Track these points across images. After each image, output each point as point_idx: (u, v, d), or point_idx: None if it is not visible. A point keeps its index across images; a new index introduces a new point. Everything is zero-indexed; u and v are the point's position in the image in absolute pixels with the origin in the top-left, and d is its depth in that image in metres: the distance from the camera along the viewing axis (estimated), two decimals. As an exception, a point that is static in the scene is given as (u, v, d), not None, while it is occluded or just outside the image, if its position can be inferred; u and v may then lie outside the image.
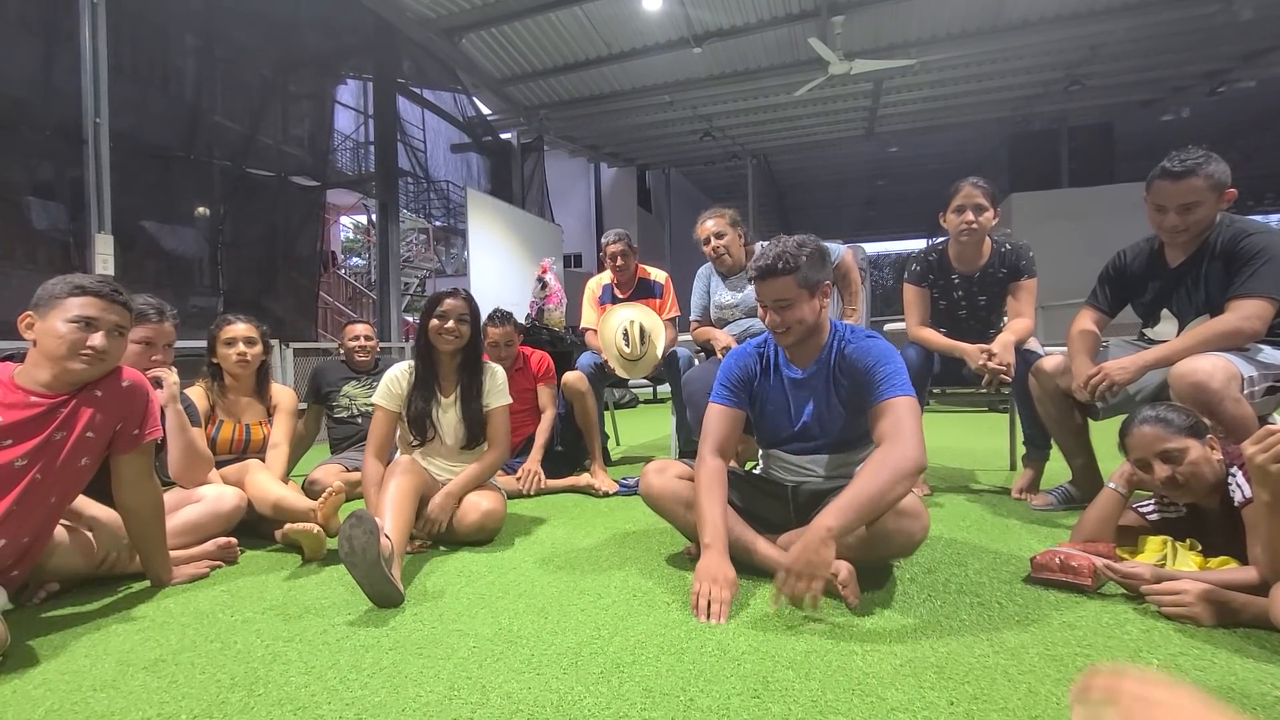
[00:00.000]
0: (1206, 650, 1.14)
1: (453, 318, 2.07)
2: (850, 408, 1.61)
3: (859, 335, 1.63)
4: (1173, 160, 1.79)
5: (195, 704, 1.08)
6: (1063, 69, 7.83)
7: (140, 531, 1.62)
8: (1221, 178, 1.76)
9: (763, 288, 1.57)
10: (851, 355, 1.58)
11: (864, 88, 8.23)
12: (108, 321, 1.43)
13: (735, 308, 2.78)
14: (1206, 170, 1.75)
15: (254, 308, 5.03)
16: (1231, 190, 1.78)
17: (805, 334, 1.60)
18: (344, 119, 8.15)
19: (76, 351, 1.38)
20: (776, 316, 1.57)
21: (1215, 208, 1.79)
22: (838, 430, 1.63)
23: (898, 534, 1.40)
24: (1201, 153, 1.76)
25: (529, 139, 8.89)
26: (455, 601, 1.50)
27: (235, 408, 2.33)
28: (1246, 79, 8.19)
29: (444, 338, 2.06)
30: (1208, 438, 1.43)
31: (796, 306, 1.55)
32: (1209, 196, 1.76)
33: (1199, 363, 1.68)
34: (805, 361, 1.65)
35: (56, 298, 1.41)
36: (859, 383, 1.55)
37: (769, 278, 1.55)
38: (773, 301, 1.56)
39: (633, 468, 3.28)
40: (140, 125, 4.62)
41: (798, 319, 1.56)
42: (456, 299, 2.09)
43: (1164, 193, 1.80)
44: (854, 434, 1.63)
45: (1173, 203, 1.79)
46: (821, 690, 1.05)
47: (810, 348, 1.64)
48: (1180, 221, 1.80)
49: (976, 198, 2.28)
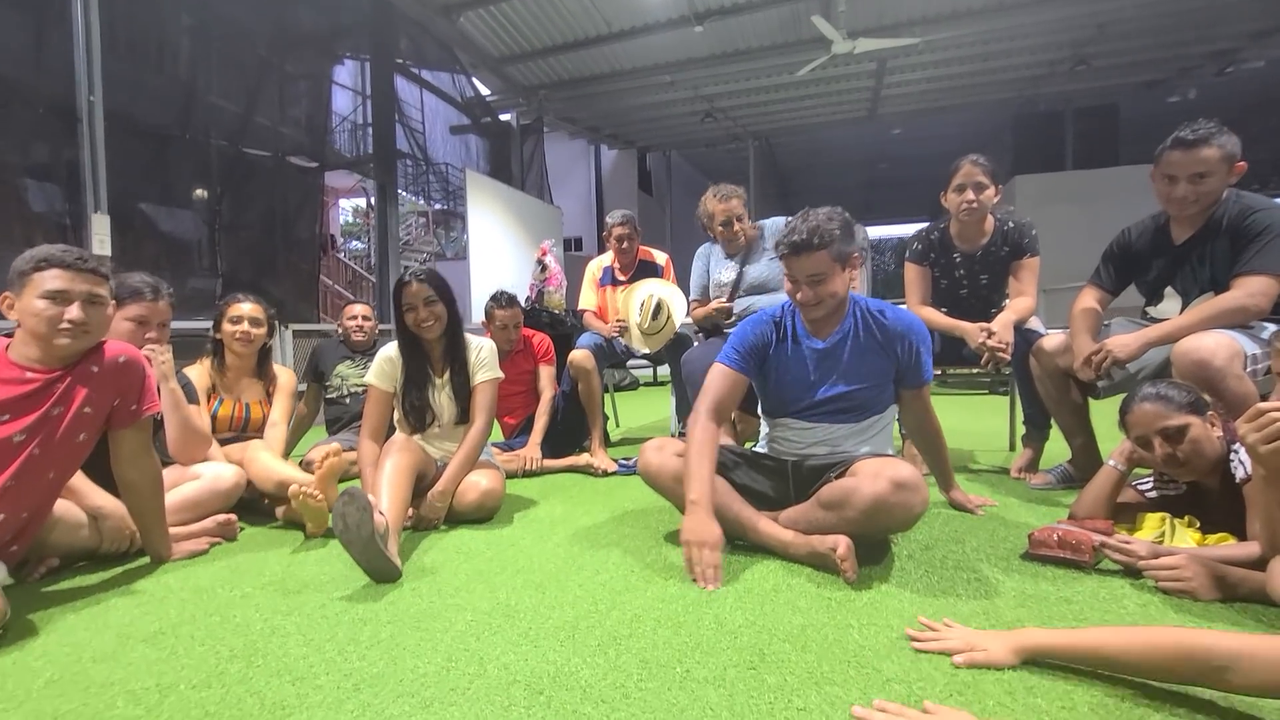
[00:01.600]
0: (1204, 624, 1.14)
1: (420, 304, 2.01)
2: (874, 377, 1.64)
3: (889, 306, 1.68)
4: (1185, 129, 1.78)
5: (194, 674, 1.08)
6: (1069, 48, 7.72)
7: (140, 506, 1.62)
8: (1233, 149, 1.74)
9: (795, 263, 1.56)
10: (894, 328, 1.63)
11: (867, 68, 8.12)
12: (79, 292, 1.40)
13: (735, 285, 2.76)
14: (1219, 140, 1.74)
15: (254, 290, 5.00)
16: (1241, 164, 1.76)
17: (834, 307, 1.62)
18: (341, 100, 8.06)
19: (56, 327, 1.37)
20: (809, 291, 1.56)
21: (1225, 180, 1.77)
22: (857, 399, 1.64)
23: (898, 507, 1.40)
24: (1214, 124, 1.75)
25: (528, 120, 8.79)
26: (453, 577, 1.51)
27: (235, 386, 2.33)
28: (1255, 59, 8.07)
29: (424, 326, 2.02)
30: (1208, 415, 1.42)
31: (829, 281, 1.56)
32: (1220, 168, 1.75)
33: (1202, 340, 1.67)
34: (827, 332, 1.66)
35: (25, 274, 1.39)
36: (895, 353, 1.63)
37: (803, 253, 1.53)
38: (806, 277, 1.55)
39: (632, 449, 3.28)
40: (135, 104, 4.56)
41: (830, 293, 1.57)
42: (416, 283, 2.01)
43: (1175, 162, 1.78)
44: (869, 402, 1.66)
45: (1184, 172, 1.77)
46: (818, 662, 1.05)
47: (833, 319, 1.66)
48: (1190, 191, 1.78)
49: (977, 175, 2.26)
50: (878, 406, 1.68)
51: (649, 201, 12.57)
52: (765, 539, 1.55)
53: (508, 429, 3.07)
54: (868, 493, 1.41)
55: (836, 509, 1.47)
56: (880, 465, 1.46)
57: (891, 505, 1.41)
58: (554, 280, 5.09)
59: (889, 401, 1.71)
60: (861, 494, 1.42)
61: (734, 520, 1.59)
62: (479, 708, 0.95)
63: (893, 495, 1.40)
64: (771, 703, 0.94)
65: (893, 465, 1.45)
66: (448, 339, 2.08)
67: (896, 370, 1.67)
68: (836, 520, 1.47)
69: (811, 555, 1.46)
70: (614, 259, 3.34)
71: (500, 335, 2.91)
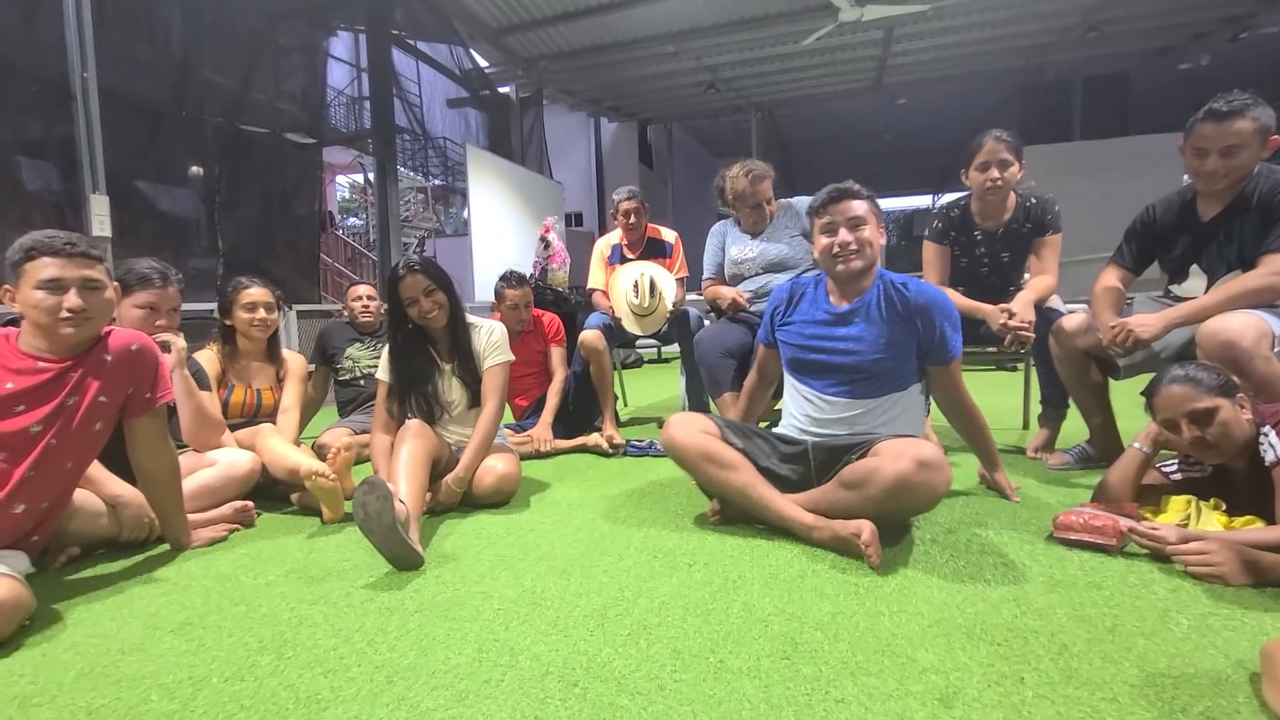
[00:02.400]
0: (1236, 610, 1.13)
1: (420, 295, 1.96)
2: (892, 350, 1.64)
3: (913, 279, 1.70)
4: (1219, 101, 1.73)
5: (226, 667, 1.08)
6: (1079, 14, 7.53)
7: (158, 494, 1.61)
8: (1268, 121, 1.70)
9: (836, 208, 1.65)
10: (916, 301, 1.64)
11: (874, 36, 7.93)
12: (74, 278, 1.36)
13: (753, 261, 2.72)
14: (1254, 113, 1.69)
15: (254, 269, 4.94)
16: (1276, 137, 1.71)
17: (870, 261, 1.66)
18: (337, 73, 7.90)
19: (56, 317, 1.34)
20: (849, 235, 1.63)
21: (1257, 154, 1.73)
22: (873, 370, 1.65)
23: (922, 486, 1.40)
24: (1249, 95, 1.70)
25: (528, 93, 8.62)
26: (476, 564, 1.51)
27: (246, 372, 2.31)
28: (1270, 24, 7.89)
29: (430, 317, 1.98)
30: (1238, 397, 1.40)
31: (868, 226, 1.64)
32: (1253, 140, 1.71)
33: (1229, 320, 1.64)
34: (849, 297, 1.70)
35: (17, 265, 1.36)
36: (916, 327, 1.63)
37: (845, 199, 1.65)
38: (846, 220, 1.64)
39: (642, 428, 3.28)
40: (129, 80, 4.46)
41: (869, 240, 1.64)
42: (410, 275, 1.96)
43: (1206, 135, 1.74)
44: (886, 375, 1.65)
45: (1215, 145, 1.73)
46: (851, 651, 1.05)
47: (855, 289, 1.69)
48: (1221, 165, 1.74)
49: (1001, 153, 2.21)
50: (897, 382, 1.67)
51: (650, 175, 12.41)
52: (788, 522, 1.55)
53: (519, 410, 3.06)
54: (890, 471, 1.41)
55: (858, 488, 1.47)
56: (903, 445, 1.46)
57: (915, 484, 1.40)
58: (557, 257, 5.03)
59: (910, 379, 1.69)
60: (884, 473, 1.42)
61: (757, 501, 1.58)
62: (515, 700, 0.95)
63: (916, 474, 1.39)
64: (809, 694, 0.93)
65: (915, 444, 1.44)
66: (452, 325, 2.05)
67: (919, 346, 1.65)
68: (859, 500, 1.47)
69: (835, 540, 1.46)
70: (622, 236, 3.29)
71: (511, 315, 2.88)
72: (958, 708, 0.89)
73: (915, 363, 1.69)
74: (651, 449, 2.65)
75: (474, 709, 0.93)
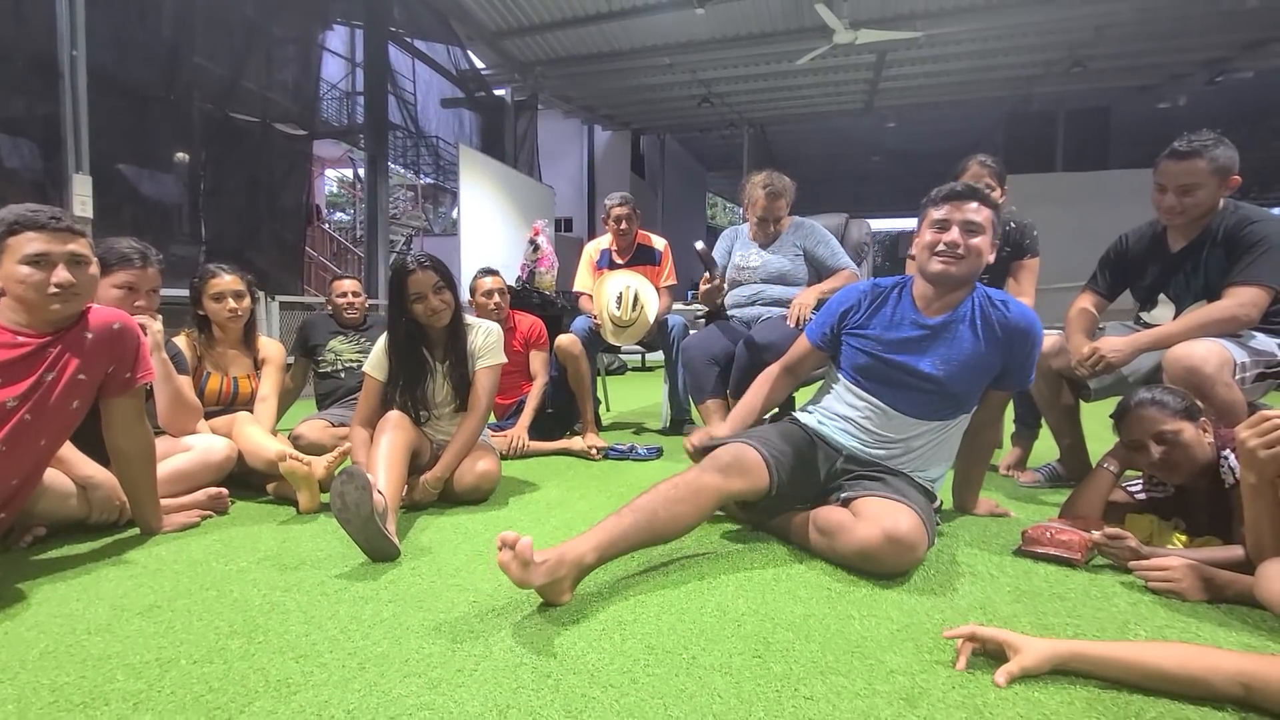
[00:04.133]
0: (1191, 624, 1.17)
1: (429, 292, 1.92)
2: (978, 370, 1.55)
3: (1012, 298, 1.60)
4: (1182, 141, 1.80)
5: (194, 649, 1.07)
6: (1065, 49, 7.77)
7: (132, 476, 1.59)
8: (1226, 163, 1.77)
9: (956, 206, 1.53)
10: (1017, 323, 1.54)
11: (866, 59, 8.10)
12: (61, 253, 1.35)
13: (755, 270, 2.74)
14: (1211, 154, 1.76)
15: (237, 259, 4.88)
16: (1235, 177, 1.78)
17: (972, 272, 1.55)
18: (332, 67, 7.86)
19: (44, 292, 1.33)
20: (959, 238, 1.51)
21: (1216, 193, 1.80)
22: (952, 389, 1.55)
23: (885, 561, 1.36)
24: (1212, 136, 1.77)
25: (523, 96, 8.66)
26: (453, 557, 1.51)
27: (222, 360, 2.28)
28: (1245, 69, 8.19)
29: (436, 315, 1.95)
30: (1201, 421, 1.46)
31: (983, 235, 1.53)
32: (1209, 180, 1.77)
33: (1194, 347, 1.70)
34: (941, 310, 1.58)
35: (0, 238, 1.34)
36: (1009, 350, 1.55)
37: (971, 199, 1.54)
38: (964, 221, 1.52)
39: (623, 434, 3.29)
40: (118, 61, 4.41)
41: (979, 250, 1.52)
42: (422, 271, 1.92)
43: (1166, 172, 1.82)
44: (963, 398, 1.58)
45: (1173, 183, 1.80)
46: (822, 652, 1.07)
47: (947, 301, 1.58)
48: (1177, 203, 1.81)
49: (984, 177, 2.28)
50: (967, 405, 1.60)
51: (641, 184, 12.49)
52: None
53: (500, 409, 3.05)
54: (857, 538, 1.37)
55: (828, 537, 1.45)
56: (882, 510, 1.39)
57: (879, 557, 1.35)
58: (545, 261, 5.04)
59: (976, 401, 1.62)
60: (852, 536, 1.38)
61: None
62: (487, 689, 0.95)
63: (880, 549, 1.34)
64: (779, 691, 0.95)
65: (894, 513, 1.37)
66: (451, 326, 2.03)
67: (1003, 369, 1.57)
68: (826, 549, 1.46)
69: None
70: (612, 241, 3.31)
71: (484, 304, 2.86)
72: (922, 707, 0.91)
73: (987, 386, 1.61)
74: (632, 453, 2.67)
75: (446, 697, 0.94)
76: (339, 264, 10.61)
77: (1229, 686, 0.89)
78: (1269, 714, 0.87)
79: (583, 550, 1.24)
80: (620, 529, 1.30)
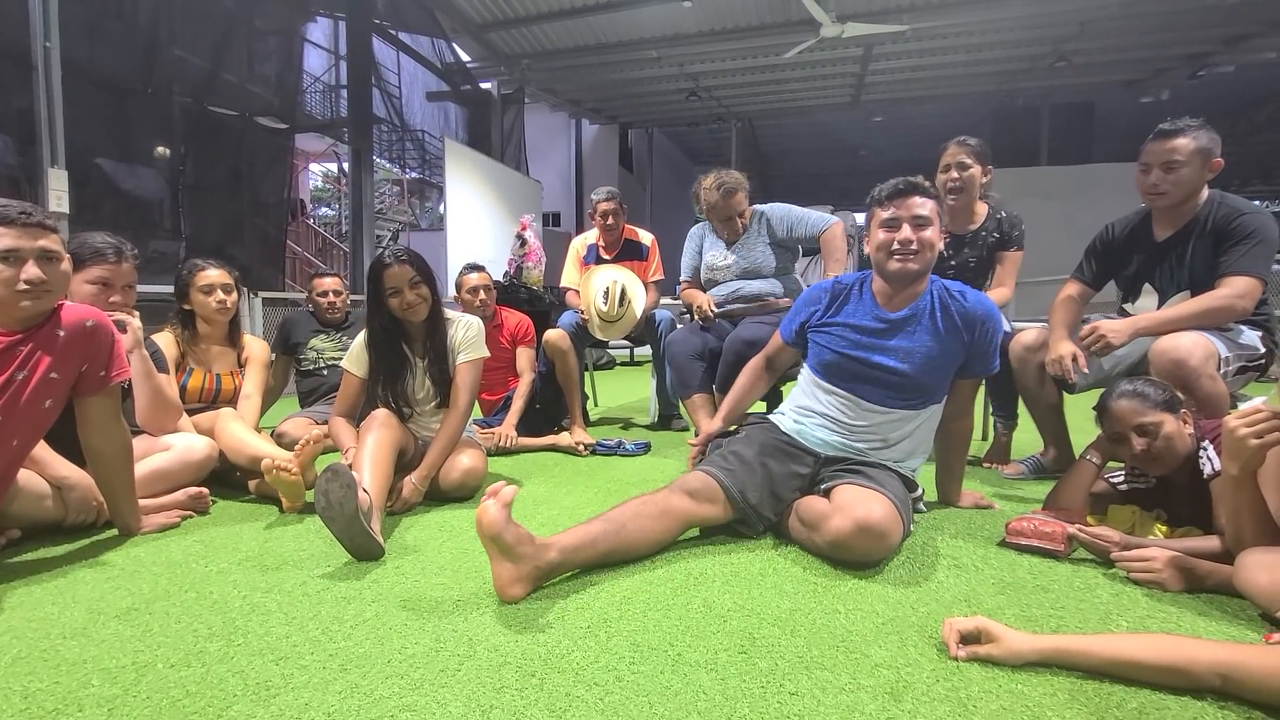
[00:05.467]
0: (1172, 613, 1.18)
1: (405, 287, 1.91)
2: (942, 359, 1.58)
3: (969, 288, 1.64)
4: (1167, 122, 1.85)
5: (171, 652, 1.05)
6: (1051, 44, 7.81)
7: (108, 476, 1.56)
8: (1209, 144, 1.80)
9: (903, 203, 1.55)
10: (974, 311, 1.58)
11: (853, 53, 8.11)
12: (31, 249, 1.32)
13: (728, 269, 2.75)
14: (1196, 134, 1.80)
15: (218, 254, 4.82)
16: (1218, 160, 1.80)
17: (929, 265, 1.57)
18: (314, 59, 7.76)
19: (14, 289, 1.30)
20: (912, 234, 1.53)
21: (1199, 175, 1.82)
22: (918, 381, 1.58)
23: (856, 550, 1.38)
24: (1197, 120, 1.81)
25: (510, 90, 8.58)
26: (437, 556, 1.49)
27: (206, 356, 2.25)
28: (1226, 64, 8.28)
29: (412, 310, 1.94)
30: (1181, 413, 1.47)
31: (932, 227, 1.55)
32: (1193, 159, 1.80)
33: (1180, 340, 1.71)
34: (901, 303, 1.61)
35: None
36: (970, 338, 1.58)
37: (914, 194, 1.55)
38: (912, 217, 1.54)
39: (611, 429, 3.28)
40: (94, 53, 4.32)
41: (930, 242, 1.55)
42: (397, 265, 1.91)
43: (1152, 151, 1.85)
44: (931, 388, 1.60)
45: (1157, 160, 1.84)
46: (807, 647, 1.06)
47: (907, 294, 1.61)
48: (1161, 179, 1.83)
49: (959, 155, 2.33)
50: (936, 395, 1.63)
51: (630, 179, 12.45)
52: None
53: (487, 406, 3.03)
54: (832, 527, 1.38)
55: (810, 529, 1.47)
56: (857, 498, 1.41)
57: (852, 547, 1.36)
58: (533, 256, 4.99)
59: (945, 390, 1.65)
60: (827, 526, 1.39)
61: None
62: (471, 689, 0.94)
63: (852, 538, 1.35)
64: (764, 687, 0.95)
65: (867, 502, 1.39)
66: (430, 321, 2.01)
67: (966, 357, 1.61)
68: (807, 540, 1.48)
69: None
70: (599, 236, 3.29)
71: (470, 299, 2.84)
72: (907, 701, 0.91)
73: (953, 375, 1.64)
74: (620, 449, 2.66)
75: (429, 697, 0.92)
76: (324, 259, 10.49)
77: (1207, 676, 0.90)
78: (1246, 702, 0.88)
79: (549, 543, 1.29)
80: (589, 535, 1.35)
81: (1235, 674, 0.88)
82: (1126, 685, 0.94)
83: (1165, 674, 0.92)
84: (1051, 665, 0.98)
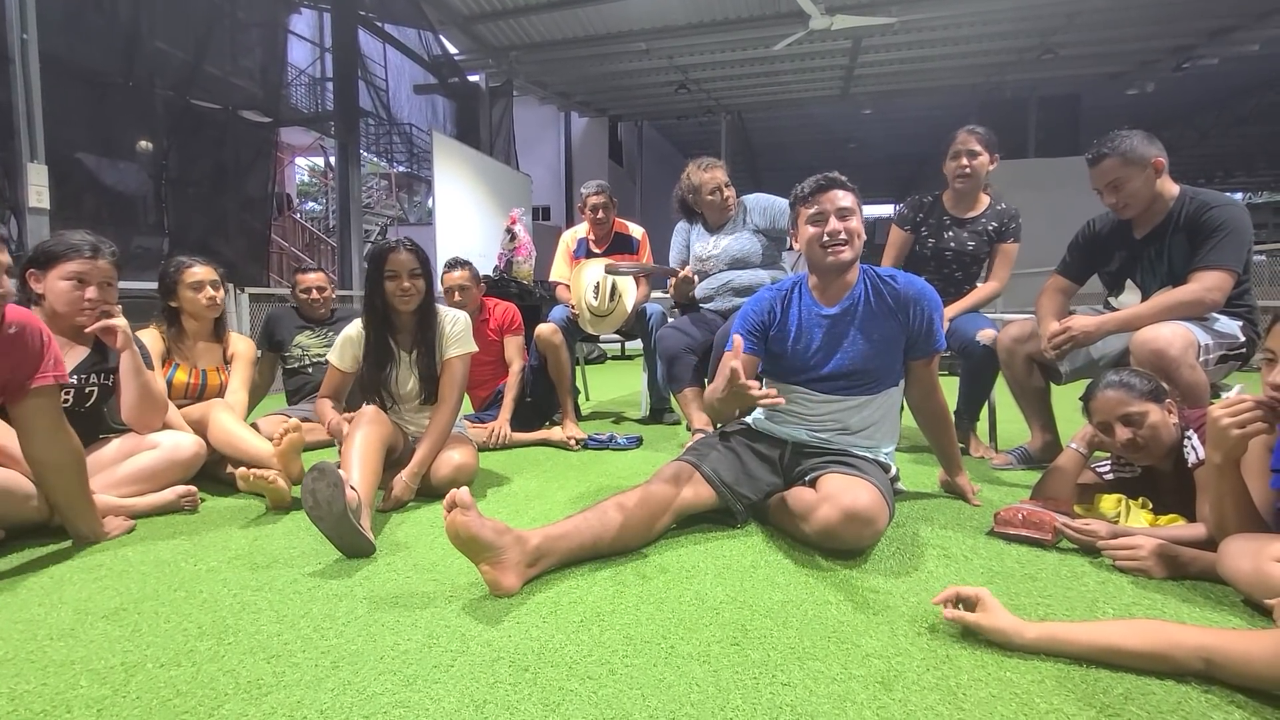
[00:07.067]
0: (1157, 600, 1.20)
1: (404, 273, 1.93)
2: (885, 345, 1.62)
3: (900, 272, 1.68)
4: (1091, 149, 1.91)
5: (161, 652, 1.04)
6: (1038, 36, 7.84)
7: (59, 486, 1.49)
8: (1135, 152, 1.83)
9: (825, 197, 1.60)
10: (905, 292, 1.62)
11: (843, 45, 8.10)
12: None
13: (716, 257, 2.75)
14: (1118, 150, 1.84)
15: (202, 250, 4.76)
16: (1159, 159, 1.84)
17: (857, 254, 1.62)
18: (299, 52, 7.65)
19: None
20: (839, 224, 1.58)
21: (1146, 181, 1.85)
22: (868, 369, 1.62)
23: (845, 537, 1.41)
24: (1115, 134, 1.86)
25: (498, 82, 8.51)
26: (429, 552, 1.49)
27: (192, 353, 2.23)
28: (1210, 56, 8.33)
29: (403, 297, 1.94)
30: (1166, 402, 1.49)
31: (855, 217, 1.60)
32: (1131, 171, 1.84)
33: (1160, 330, 1.73)
34: (835, 299, 1.66)
35: None
36: (906, 319, 1.61)
37: (833, 188, 1.60)
38: (836, 209, 1.58)
39: (602, 423, 3.28)
40: (73, 46, 4.24)
41: (856, 231, 1.60)
42: (403, 252, 1.94)
43: (1092, 178, 1.92)
44: (880, 372, 1.64)
45: (1100, 184, 1.90)
46: (799, 638, 1.07)
47: (841, 285, 1.65)
48: (1116, 199, 1.89)
49: (970, 143, 2.37)
50: (889, 379, 1.66)
51: (619, 172, 12.41)
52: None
53: (478, 401, 3.02)
54: (820, 517, 1.41)
55: (799, 519, 1.48)
56: (843, 486, 1.44)
57: (840, 535, 1.39)
58: (523, 250, 4.98)
59: (899, 374, 1.69)
60: (816, 516, 1.42)
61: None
62: (464, 685, 0.94)
63: (841, 526, 1.38)
64: (756, 678, 0.95)
65: (853, 490, 1.42)
66: (419, 316, 2.00)
67: (907, 338, 1.64)
68: (796, 530, 1.51)
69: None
70: (589, 230, 3.28)
71: (449, 300, 2.82)
72: (897, 690, 0.92)
73: (903, 357, 1.68)
74: (611, 443, 2.66)
75: (422, 693, 0.92)
76: (311, 254, 10.41)
77: (1191, 660, 0.91)
78: (1229, 685, 0.90)
79: (531, 531, 1.33)
80: (571, 523, 1.39)
81: (1218, 658, 0.90)
82: (1113, 671, 0.95)
83: (1150, 659, 0.94)
84: (1039, 651, 1.00)
